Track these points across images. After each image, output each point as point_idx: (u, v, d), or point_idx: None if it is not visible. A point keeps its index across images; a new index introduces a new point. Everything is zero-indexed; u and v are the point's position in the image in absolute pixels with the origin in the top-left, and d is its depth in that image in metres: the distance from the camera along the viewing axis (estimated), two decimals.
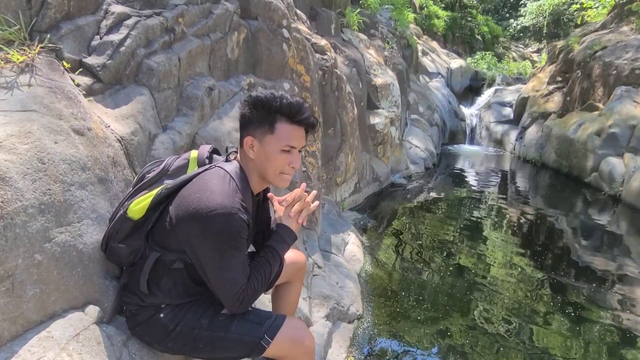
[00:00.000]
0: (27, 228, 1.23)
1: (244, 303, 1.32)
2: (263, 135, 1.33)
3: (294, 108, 1.31)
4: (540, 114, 9.61)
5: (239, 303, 1.31)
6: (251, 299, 1.34)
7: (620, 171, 6.42)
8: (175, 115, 2.29)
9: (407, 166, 7.31)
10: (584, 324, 3.08)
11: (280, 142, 1.32)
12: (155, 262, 1.37)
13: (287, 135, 1.33)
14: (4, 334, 1.18)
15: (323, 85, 4.58)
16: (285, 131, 1.32)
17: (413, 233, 4.80)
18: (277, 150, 1.33)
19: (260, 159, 1.35)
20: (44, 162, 1.34)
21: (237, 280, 1.29)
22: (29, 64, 1.54)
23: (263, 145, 1.33)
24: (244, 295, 1.31)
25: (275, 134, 1.32)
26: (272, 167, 1.34)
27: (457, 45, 16.60)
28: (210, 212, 1.22)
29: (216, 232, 1.23)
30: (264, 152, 1.33)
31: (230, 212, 1.23)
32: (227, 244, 1.25)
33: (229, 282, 1.28)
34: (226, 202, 1.24)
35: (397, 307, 3.14)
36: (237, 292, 1.29)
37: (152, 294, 1.39)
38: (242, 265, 1.31)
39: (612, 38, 8.61)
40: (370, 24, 7.98)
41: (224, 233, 1.23)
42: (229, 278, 1.28)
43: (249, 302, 1.34)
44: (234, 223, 1.24)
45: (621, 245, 4.81)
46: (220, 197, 1.24)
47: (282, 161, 1.34)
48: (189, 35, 2.50)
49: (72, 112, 1.56)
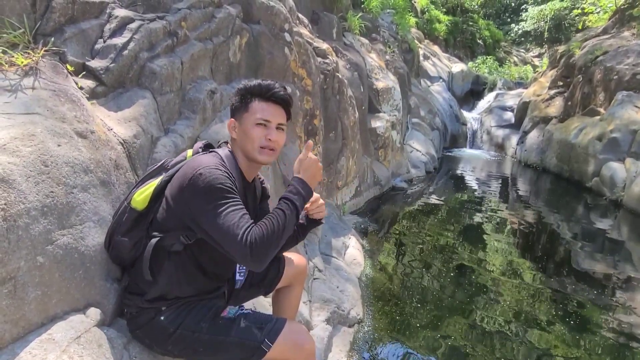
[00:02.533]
0: (30, 230, 1.24)
1: (254, 251, 1.22)
2: (241, 115, 1.46)
3: (264, 87, 1.45)
4: (542, 118, 9.62)
5: (248, 250, 1.22)
6: (262, 247, 1.24)
7: (621, 176, 6.41)
8: (178, 119, 2.30)
9: (408, 170, 7.32)
10: (586, 329, 3.07)
11: (254, 116, 1.44)
12: (155, 248, 1.39)
13: (260, 110, 1.44)
14: (6, 336, 1.18)
15: (324, 88, 4.59)
16: (258, 107, 1.45)
17: (414, 237, 4.80)
18: (252, 124, 1.44)
19: (240, 137, 1.46)
20: (47, 165, 1.34)
21: (237, 225, 1.24)
22: (33, 67, 1.55)
23: (241, 123, 1.46)
24: (251, 240, 1.22)
25: (249, 111, 1.45)
26: (250, 140, 1.44)
27: (458, 50, 16.65)
28: (195, 172, 1.30)
29: (204, 188, 1.28)
30: (242, 129, 1.45)
31: (211, 168, 1.31)
32: (216, 195, 1.28)
33: (231, 230, 1.24)
34: (209, 163, 1.34)
35: (398, 311, 3.14)
36: (241, 236, 1.23)
37: (156, 282, 1.40)
38: (240, 212, 1.28)
39: (614, 43, 8.63)
40: (372, 28, 8.01)
41: (211, 186, 1.28)
42: (228, 226, 1.24)
43: (261, 251, 1.24)
44: (218, 175, 1.30)
45: (622, 250, 4.79)
46: (205, 163, 1.34)
47: (258, 134, 1.44)
48: (191, 39, 2.52)
49: (75, 115, 1.56)
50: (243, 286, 1.70)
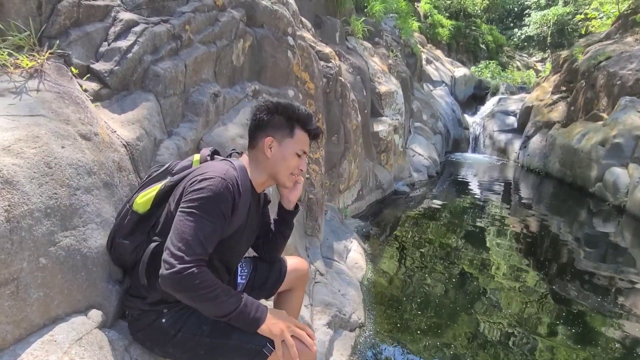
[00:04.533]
0: (33, 232, 1.24)
1: (181, 281, 1.19)
2: (283, 138, 1.46)
3: (309, 118, 1.49)
4: (544, 123, 9.61)
5: (177, 275, 1.18)
6: (186, 286, 1.19)
7: (624, 181, 6.38)
8: (181, 121, 2.30)
9: (411, 174, 7.31)
10: (588, 335, 3.04)
11: (297, 145, 1.47)
12: (154, 252, 1.38)
13: (303, 140, 1.49)
14: (8, 337, 1.18)
15: (327, 92, 4.60)
16: (301, 137, 1.48)
17: (416, 241, 4.78)
18: (293, 152, 1.46)
19: (276, 158, 1.46)
20: (51, 167, 1.35)
21: (190, 246, 1.21)
22: (38, 69, 1.56)
23: (282, 146, 1.46)
24: (190, 272, 1.19)
25: (294, 138, 1.46)
26: (286, 167, 1.46)
27: (461, 54, 16.67)
28: (202, 178, 1.31)
29: (199, 189, 1.28)
30: (281, 153, 1.45)
31: (217, 177, 1.30)
32: (201, 202, 1.26)
33: (186, 242, 1.21)
34: (219, 173, 1.32)
35: (400, 315, 3.12)
36: (189, 260, 1.19)
37: (152, 286, 1.39)
38: (206, 236, 1.25)
39: (617, 48, 8.63)
40: (375, 32, 8.04)
41: (205, 192, 1.27)
42: (189, 237, 1.22)
43: (181, 286, 1.20)
44: (220, 186, 1.28)
45: (626, 256, 4.77)
46: (216, 172, 1.32)
47: (295, 163, 1.48)
48: (195, 42, 2.53)
49: (80, 117, 1.57)
50: (244, 289, 1.70)
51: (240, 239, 1.48)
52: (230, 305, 1.27)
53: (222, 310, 1.27)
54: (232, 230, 1.41)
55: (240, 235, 1.46)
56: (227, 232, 1.38)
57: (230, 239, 1.42)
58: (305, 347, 1.38)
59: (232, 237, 1.42)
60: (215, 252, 1.35)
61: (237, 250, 1.54)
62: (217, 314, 1.28)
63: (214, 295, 1.24)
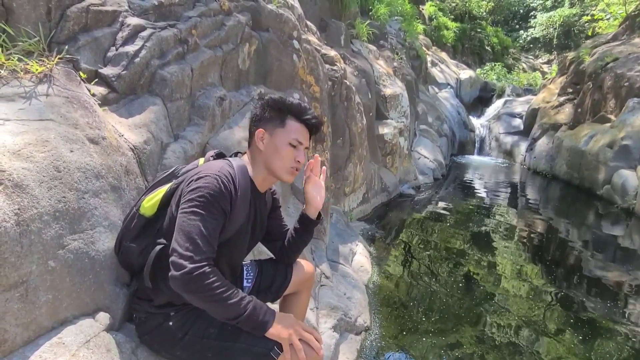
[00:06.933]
0: (42, 235, 1.26)
1: (190, 282, 1.19)
2: (274, 128, 1.45)
3: (302, 108, 1.47)
4: (551, 125, 9.55)
5: (187, 275, 1.18)
6: (196, 287, 1.19)
7: (633, 184, 6.32)
8: (187, 125, 2.32)
9: (416, 177, 7.29)
10: (597, 339, 3.01)
11: (290, 135, 1.44)
12: (159, 255, 1.38)
13: (296, 130, 1.46)
14: (17, 339, 1.19)
15: (332, 95, 4.61)
16: (294, 126, 1.46)
17: (421, 244, 4.77)
18: (285, 142, 1.44)
19: (269, 150, 1.44)
20: (60, 170, 1.36)
21: (197, 244, 1.21)
22: (47, 74, 1.58)
23: (273, 137, 1.44)
24: (201, 272, 1.19)
25: (285, 128, 1.45)
26: (280, 158, 1.44)
27: (466, 56, 16.62)
28: (197, 178, 1.32)
29: (195, 189, 1.29)
30: (273, 144, 1.44)
31: (211, 175, 1.31)
32: (201, 200, 1.27)
33: (193, 241, 1.22)
34: (214, 170, 1.33)
35: (405, 318, 3.11)
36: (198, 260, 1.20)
37: (157, 288, 1.39)
38: (210, 233, 1.25)
39: (624, 50, 8.57)
40: (380, 35, 8.04)
41: (202, 190, 1.28)
42: (192, 236, 1.22)
43: (191, 287, 1.20)
44: (215, 183, 1.29)
45: (635, 259, 4.71)
46: (212, 170, 1.34)
47: (289, 154, 1.44)
48: (201, 47, 2.55)
49: (88, 121, 1.59)
50: (250, 292, 1.70)
51: (242, 239, 1.49)
52: (240, 308, 1.26)
53: (232, 312, 1.26)
54: (234, 231, 1.41)
55: (241, 235, 1.47)
56: (228, 232, 1.38)
57: (232, 240, 1.42)
58: (313, 351, 1.37)
59: (233, 237, 1.42)
60: (218, 253, 1.36)
61: (239, 250, 1.54)
62: (228, 316, 1.27)
63: (226, 297, 1.23)
